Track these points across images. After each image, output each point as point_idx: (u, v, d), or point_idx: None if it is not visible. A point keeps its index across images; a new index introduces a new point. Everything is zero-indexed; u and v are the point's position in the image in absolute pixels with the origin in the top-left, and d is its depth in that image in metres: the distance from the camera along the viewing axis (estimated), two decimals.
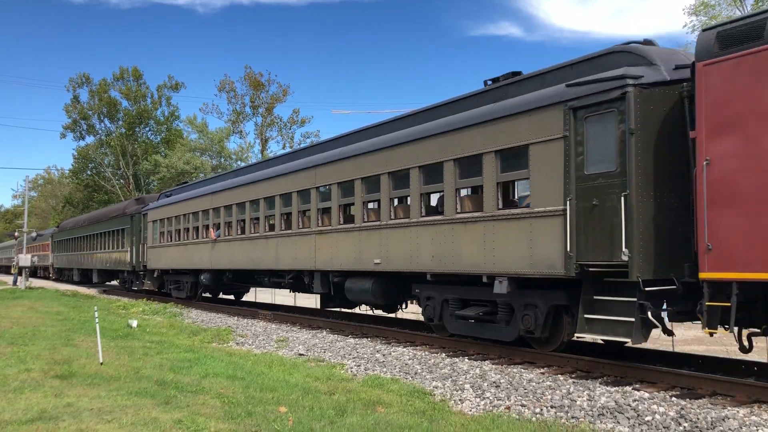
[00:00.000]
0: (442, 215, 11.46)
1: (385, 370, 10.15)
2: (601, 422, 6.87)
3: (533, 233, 9.63)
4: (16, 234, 54.78)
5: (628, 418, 6.90)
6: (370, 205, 13.76)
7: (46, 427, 6.46)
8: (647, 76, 8.47)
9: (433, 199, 12.51)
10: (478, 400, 8.04)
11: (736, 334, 7.95)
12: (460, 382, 8.92)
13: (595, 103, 8.76)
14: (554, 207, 9.25)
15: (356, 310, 16.78)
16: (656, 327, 8.39)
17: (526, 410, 7.43)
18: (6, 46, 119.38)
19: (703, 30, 8.01)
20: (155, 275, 26.50)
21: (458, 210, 11.15)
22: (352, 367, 10.47)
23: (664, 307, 8.56)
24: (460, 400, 8.07)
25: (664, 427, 6.56)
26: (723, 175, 7.40)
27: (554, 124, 9.31)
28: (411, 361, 10.73)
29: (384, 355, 11.40)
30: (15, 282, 42.40)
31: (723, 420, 6.56)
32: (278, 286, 18.69)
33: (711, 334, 7.94)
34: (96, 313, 12.06)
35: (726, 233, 7.32)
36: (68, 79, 71.54)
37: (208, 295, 24.36)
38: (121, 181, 67.56)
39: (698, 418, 6.66)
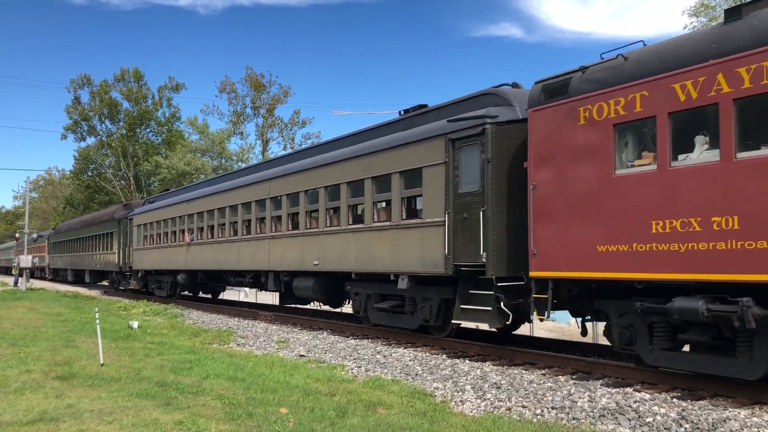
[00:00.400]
0: (363, 224, 13.56)
1: (385, 371, 10.15)
2: (602, 423, 6.87)
3: (424, 239, 11.73)
4: (16, 235, 54.86)
5: (629, 420, 6.89)
6: (312, 214, 15.58)
7: (47, 428, 6.46)
8: (503, 115, 10.55)
9: (359, 210, 14.31)
10: (478, 401, 8.03)
11: (578, 323, 9.97)
12: (461, 384, 8.92)
13: (465, 136, 10.86)
14: (438, 218, 11.38)
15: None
16: (509, 315, 10.19)
17: (527, 411, 7.43)
18: (7, 47, 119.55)
19: (536, 82, 9.90)
20: (139, 275, 28.44)
21: (375, 220, 13.26)
22: (352, 369, 10.47)
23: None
24: (461, 401, 8.07)
25: (665, 429, 6.56)
26: (543, 197, 9.39)
27: (439, 152, 11.45)
28: (412, 362, 10.72)
29: (385, 356, 11.39)
30: (16, 283, 42.42)
31: (724, 421, 6.55)
32: (241, 285, 20.72)
33: (541, 320, 10.58)
34: (97, 314, 12.06)
35: (545, 242, 9.32)
36: (69, 80, 71.54)
37: (186, 293, 26.20)
38: (122, 182, 67.55)
39: (699, 420, 6.66)
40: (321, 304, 17.27)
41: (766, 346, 7.19)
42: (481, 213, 10.40)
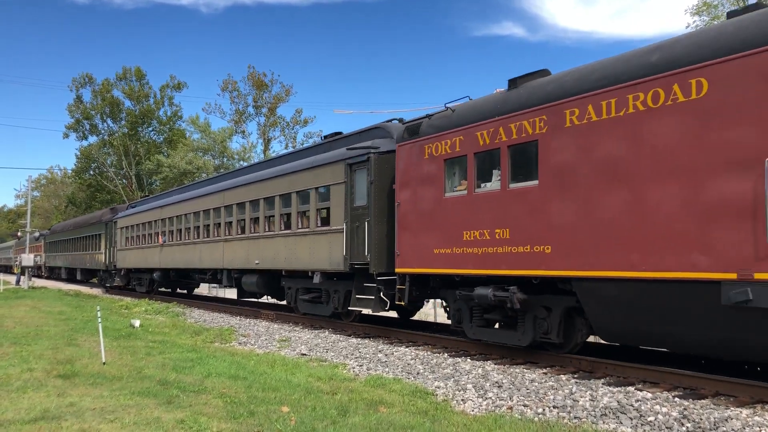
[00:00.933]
0: (291, 230, 16.39)
1: (387, 370, 10.15)
2: (603, 422, 6.87)
3: (331, 243, 14.55)
4: (18, 233, 55.07)
5: (631, 419, 6.89)
6: (255, 221, 18.42)
7: (49, 427, 6.47)
8: (384, 146, 13.42)
9: (288, 218, 17.00)
10: (480, 400, 8.03)
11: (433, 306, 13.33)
12: (463, 382, 8.92)
13: (358, 161, 13.79)
14: (340, 226, 14.20)
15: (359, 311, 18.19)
16: (387, 302, 12.99)
17: (529, 410, 7.43)
18: (9, 46, 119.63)
19: (402, 123, 13.27)
20: (122, 273, 31.77)
21: (299, 226, 16.11)
22: (354, 367, 10.48)
23: None
24: (462, 400, 8.07)
25: (666, 428, 6.55)
26: (404, 212, 12.41)
27: (341, 173, 14.36)
28: (413, 361, 10.73)
29: (386, 355, 11.40)
30: (18, 281, 42.49)
31: (726, 420, 6.55)
32: (203, 281, 23.81)
33: (403, 305, 12.86)
34: (99, 312, 12.07)
35: (405, 246, 12.35)
36: (71, 79, 71.54)
37: (163, 289, 29.56)
38: (124, 180, 67.62)
39: (701, 419, 6.65)
40: (268, 297, 20.14)
41: (531, 321, 10.15)
42: (366, 223, 13.30)
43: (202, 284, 27.68)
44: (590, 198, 8.91)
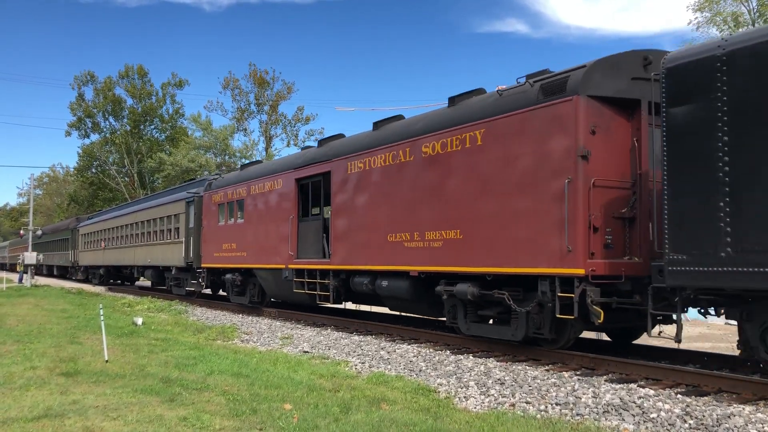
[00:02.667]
0: (162, 240, 25.88)
1: (389, 367, 10.15)
2: (605, 419, 6.86)
3: (179, 249, 23.64)
4: (21, 232, 55.40)
5: (633, 415, 6.89)
6: (149, 233, 27.84)
7: (52, 425, 6.48)
8: (201, 192, 22.73)
9: (161, 232, 26.36)
10: (482, 397, 8.04)
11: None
12: (465, 380, 8.92)
13: (189, 201, 22.98)
14: (182, 239, 23.30)
15: (362, 308, 20.10)
16: (206, 286, 22.15)
17: (531, 407, 7.43)
18: (12, 44, 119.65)
19: (206, 180, 22.26)
20: (82, 270, 42.76)
21: (166, 238, 25.44)
22: (356, 365, 10.48)
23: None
24: (464, 397, 8.07)
25: (669, 424, 6.55)
26: (206, 232, 21.37)
27: (183, 207, 23.66)
28: (415, 358, 10.73)
29: (388, 352, 11.40)
30: (21, 280, 42.56)
31: (728, 417, 6.54)
32: (127, 274, 34.83)
33: (205, 291, 22.62)
34: (101, 310, 12.09)
35: (206, 251, 21.20)
36: (73, 77, 71.52)
37: (112, 281, 38.38)
38: (126, 179, 67.67)
39: (704, 416, 6.65)
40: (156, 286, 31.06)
41: (252, 289, 19.36)
42: (191, 237, 22.62)
43: (140, 278, 34.24)
44: (258, 224, 18.42)
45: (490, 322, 11.16)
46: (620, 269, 8.95)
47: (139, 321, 16.48)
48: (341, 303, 16.08)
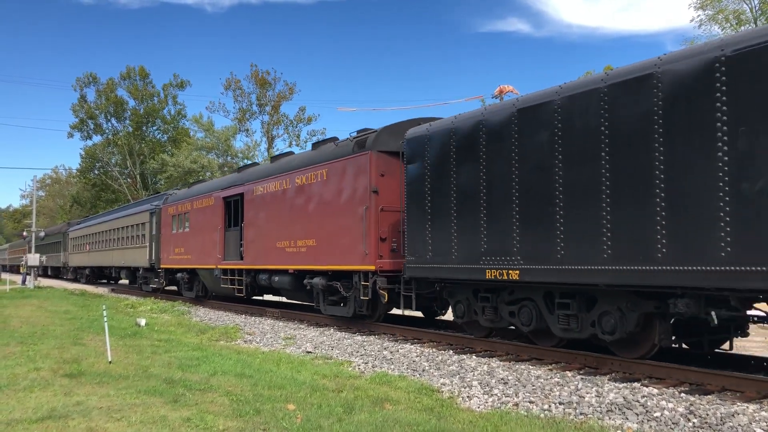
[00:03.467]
0: (132, 245, 30.65)
1: (392, 367, 10.15)
2: (609, 418, 6.86)
3: (141, 252, 28.73)
4: (24, 233, 55.66)
5: (637, 414, 6.88)
6: (124, 239, 32.40)
7: (56, 426, 6.49)
8: (161, 204, 26.93)
9: (132, 238, 31.11)
10: (486, 396, 8.03)
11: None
12: (468, 379, 8.92)
13: (152, 211, 27.71)
14: (147, 244, 28.14)
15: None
16: (166, 283, 27.05)
17: (534, 407, 7.42)
18: (14, 46, 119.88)
19: (164, 195, 28.43)
20: (71, 270, 47.69)
21: (135, 243, 30.22)
22: (359, 365, 10.48)
23: None
24: (468, 396, 8.07)
25: (673, 423, 6.54)
26: (163, 237, 26.25)
27: (148, 216, 28.31)
28: (418, 358, 10.73)
29: (391, 352, 11.40)
30: (24, 281, 42.64)
31: (732, 416, 6.53)
32: (111, 274, 38.74)
33: (163, 288, 27.60)
34: (104, 312, 12.10)
35: (164, 253, 25.99)
36: (75, 79, 71.60)
37: (98, 280, 43.43)
38: (129, 180, 67.75)
39: (707, 414, 6.64)
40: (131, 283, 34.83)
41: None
42: (154, 242, 26.95)
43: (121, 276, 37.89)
44: (198, 233, 22.57)
45: (341, 305, 14.99)
46: (400, 266, 12.63)
47: (143, 322, 16.49)
48: (252, 296, 20.43)
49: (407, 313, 15.21)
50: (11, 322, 16.69)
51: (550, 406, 7.41)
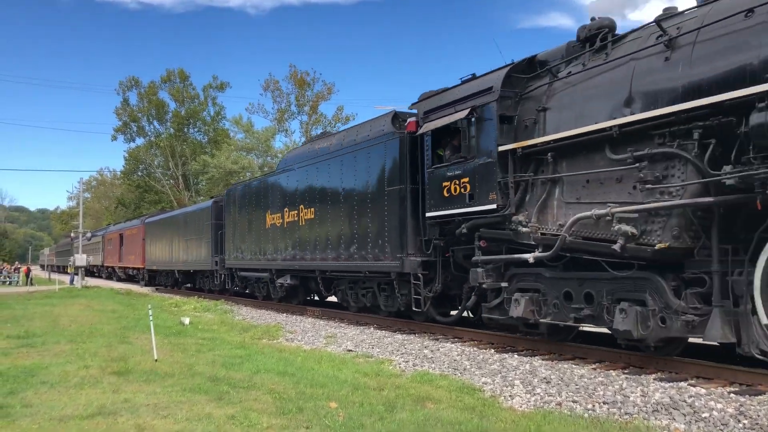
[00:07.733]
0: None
1: (433, 366, 10.13)
2: (655, 419, 6.73)
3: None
4: (72, 234, 57.44)
5: (684, 415, 6.73)
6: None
7: (106, 422, 6.66)
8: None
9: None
10: (528, 396, 7.96)
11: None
12: (510, 378, 8.85)
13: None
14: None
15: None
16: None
17: (578, 406, 7.33)
18: (61, 53, 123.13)
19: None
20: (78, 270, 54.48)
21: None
22: (400, 363, 10.49)
23: None
24: (510, 396, 8.00)
25: (722, 424, 6.38)
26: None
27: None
28: (459, 357, 10.69)
29: (432, 351, 11.39)
30: (72, 281, 43.82)
31: None
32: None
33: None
34: (150, 311, 12.35)
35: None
36: (118, 83, 73.36)
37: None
38: (171, 181, 68.98)
39: (758, 415, 6.47)
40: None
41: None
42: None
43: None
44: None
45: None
46: None
47: (186, 321, 16.79)
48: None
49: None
50: (61, 321, 17.17)
51: (594, 405, 7.31)
